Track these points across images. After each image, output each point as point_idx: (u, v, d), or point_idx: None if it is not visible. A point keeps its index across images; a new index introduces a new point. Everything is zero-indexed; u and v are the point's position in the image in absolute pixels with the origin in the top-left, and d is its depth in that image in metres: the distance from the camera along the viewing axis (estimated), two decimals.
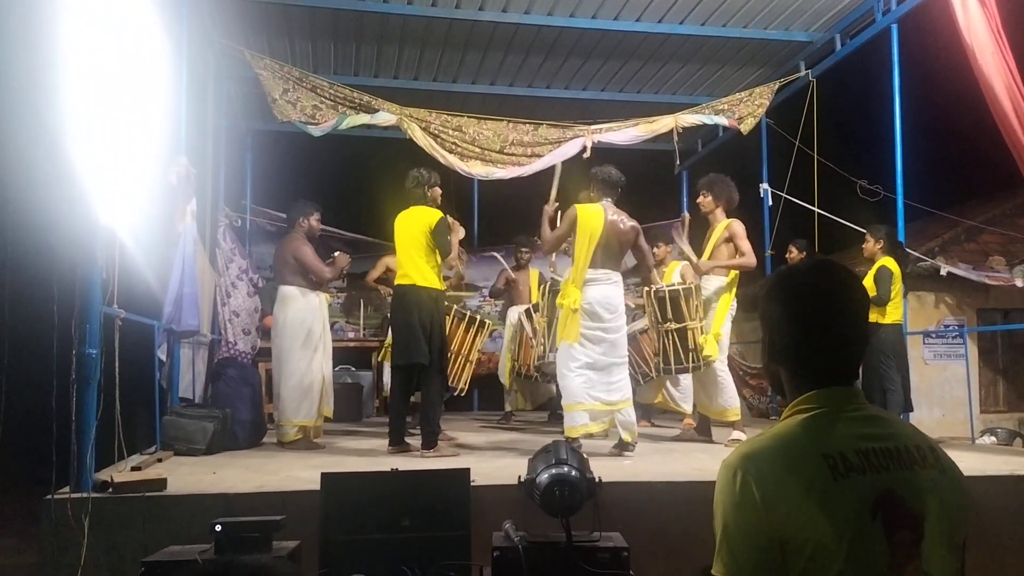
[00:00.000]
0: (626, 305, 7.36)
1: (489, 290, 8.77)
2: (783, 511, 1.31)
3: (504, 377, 7.75)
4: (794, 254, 7.80)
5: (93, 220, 3.71)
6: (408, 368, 5.41)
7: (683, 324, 5.85)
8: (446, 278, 5.91)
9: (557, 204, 5.62)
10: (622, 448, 5.23)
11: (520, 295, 7.93)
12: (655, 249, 7.59)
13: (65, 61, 3.67)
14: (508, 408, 7.84)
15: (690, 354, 5.89)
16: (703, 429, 6.20)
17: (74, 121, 3.68)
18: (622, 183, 5.50)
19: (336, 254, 6.03)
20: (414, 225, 5.40)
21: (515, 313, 7.63)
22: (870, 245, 6.40)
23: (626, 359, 5.41)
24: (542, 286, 7.22)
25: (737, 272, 5.94)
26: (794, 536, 1.31)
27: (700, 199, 6.14)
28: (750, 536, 1.34)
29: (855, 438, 1.37)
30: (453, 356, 6.64)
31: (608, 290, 5.28)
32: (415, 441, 5.92)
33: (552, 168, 6.19)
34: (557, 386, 7.17)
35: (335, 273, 5.98)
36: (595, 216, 5.29)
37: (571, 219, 5.33)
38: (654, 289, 6.04)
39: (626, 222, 5.39)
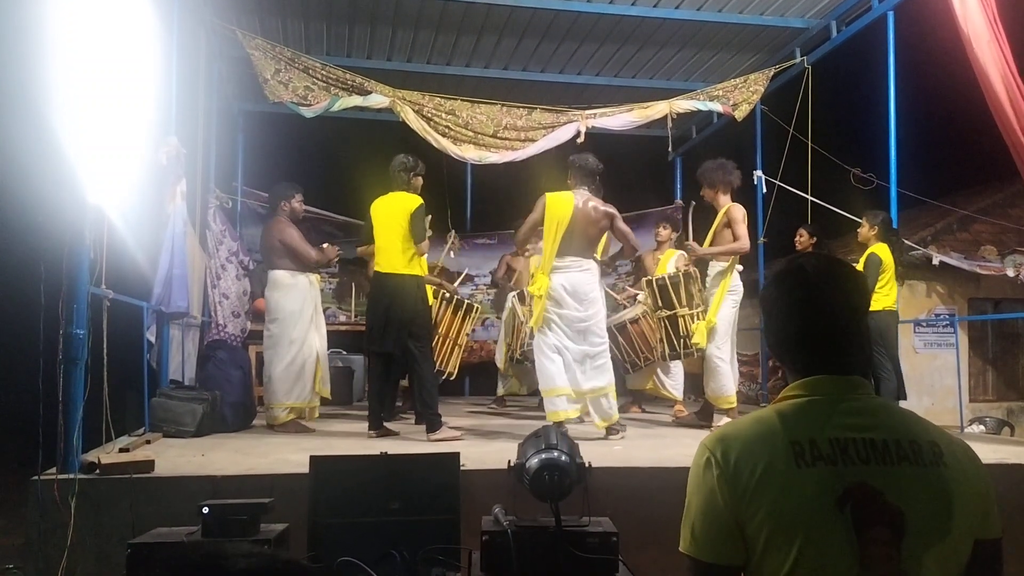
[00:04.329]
0: (612, 297, 7.39)
1: (491, 277, 8.75)
2: (740, 494, 1.33)
3: (500, 362, 7.75)
4: (804, 238, 7.75)
5: (81, 200, 3.67)
6: (386, 355, 5.41)
7: (673, 312, 5.93)
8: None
9: None
10: (607, 434, 5.26)
11: (521, 280, 7.92)
12: (659, 230, 7.62)
13: (53, 39, 3.62)
14: (500, 392, 7.84)
15: (681, 340, 5.96)
16: (704, 415, 6.21)
17: (62, 100, 3.63)
18: (600, 171, 5.48)
19: (325, 245, 6.00)
20: (395, 210, 5.39)
21: (511, 298, 7.63)
22: (865, 230, 6.40)
23: (603, 346, 5.37)
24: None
25: (736, 257, 5.96)
26: (751, 519, 1.32)
27: (702, 193, 6.21)
28: (709, 515, 1.37)
29: (835, 427, 1.36)
30: (441, 340, 6.64)
31: (576, 277, 5.26)
32: (406, 426, 5.94)
33: None
34: None
35: (322, 259, 5.95)
36: (564, 203, 5.27)
37: (541, 206, 5.33)
38: (649, 279, 6.13)
39: (599, 208, 5.34)
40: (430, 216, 5.68)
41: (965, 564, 1.33)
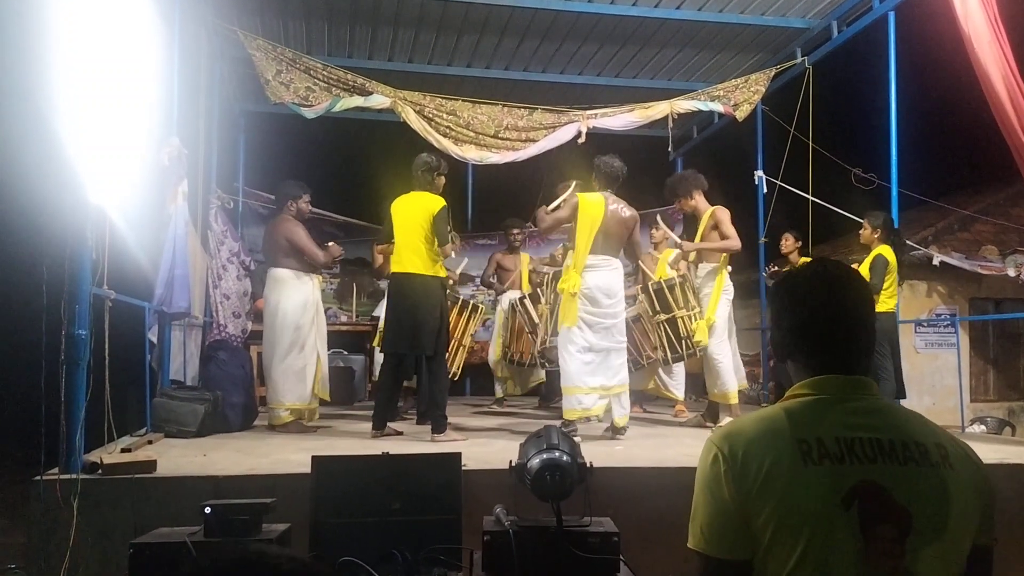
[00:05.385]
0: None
1: (480, 278, 8.74)
2: (747, 489, 1.34)
3: (494, 364, 7.74)
4: (790, 242, 7.78)
5: (83, 200, 3.67)
6: (402, 356, 5.40)
7: (672, 314, 5.96)
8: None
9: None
10: (614, 432, 5.28)
11: (511, 281, 7.91)
12: (653, 230, 7.63)
13: (55, 40, 3.63)
14: (499, 393, 7.83)
15: (682, 342, 5.98)
16: (711, 414, 6.22)
17: (64, 100, 3.63)
18: (624, 174, 5.57)
19: (330, 244, 5.99)
20: (417, 211, 5.35)
21: (506, 299, 7.61)
22: (867, 232, 6.40)
23: (624, 344, 5.46)
24: (542, 275, 7.20)
25: (727, 256, 5.99)
26: (757, 514, 1.33)
27: (677, 207, 6.32)
28: (716, 511, 1.39)
29: (842, 427, 1.37)
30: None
31: (608, 276, 5.36)
32: (408, 426, 5.94)
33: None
34: (550, 372, 7.20)
35: (328, 259, 5.95)
36: (596, 205, 5.36)
37: (572, 206, 5.39)
38: (645, 285, 6.20)
39: (625, 211, 5.46)
40: None
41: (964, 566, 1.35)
